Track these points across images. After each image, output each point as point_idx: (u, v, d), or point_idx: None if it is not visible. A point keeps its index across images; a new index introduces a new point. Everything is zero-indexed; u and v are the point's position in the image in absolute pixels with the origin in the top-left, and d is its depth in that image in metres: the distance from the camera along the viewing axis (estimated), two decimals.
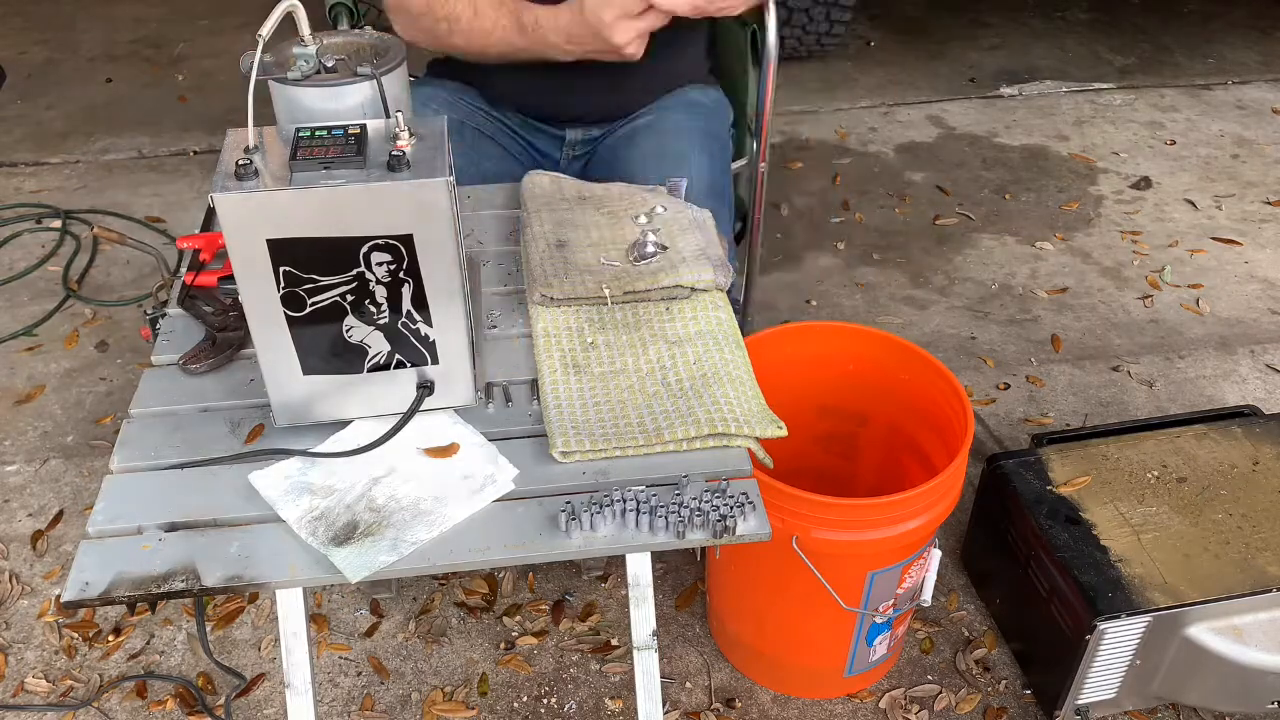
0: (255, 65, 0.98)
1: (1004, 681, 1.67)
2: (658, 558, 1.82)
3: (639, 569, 1.08)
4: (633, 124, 1.62)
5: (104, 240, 2.56)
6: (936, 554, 1.50)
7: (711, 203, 1.44)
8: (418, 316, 1.03)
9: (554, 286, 1.24)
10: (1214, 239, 2.77)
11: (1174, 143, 3.22)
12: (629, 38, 1.36)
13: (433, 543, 0.97)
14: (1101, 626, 1.41)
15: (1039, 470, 1.62)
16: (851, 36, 3.79)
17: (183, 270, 1.31)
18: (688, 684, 1.66)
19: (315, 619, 1.75)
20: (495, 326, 1.25)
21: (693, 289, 1.25)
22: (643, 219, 1.35)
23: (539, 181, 1.44)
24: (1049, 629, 1.52)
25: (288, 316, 1.00)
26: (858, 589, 1.43)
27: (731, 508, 0.99)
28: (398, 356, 1.05)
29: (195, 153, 3.18)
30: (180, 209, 2.86)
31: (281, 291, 0.98)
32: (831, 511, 1.32)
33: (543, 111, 1.65)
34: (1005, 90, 3.54)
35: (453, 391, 1.09)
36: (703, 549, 1.74)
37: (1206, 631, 1.44)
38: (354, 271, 0.98)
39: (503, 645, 1.71)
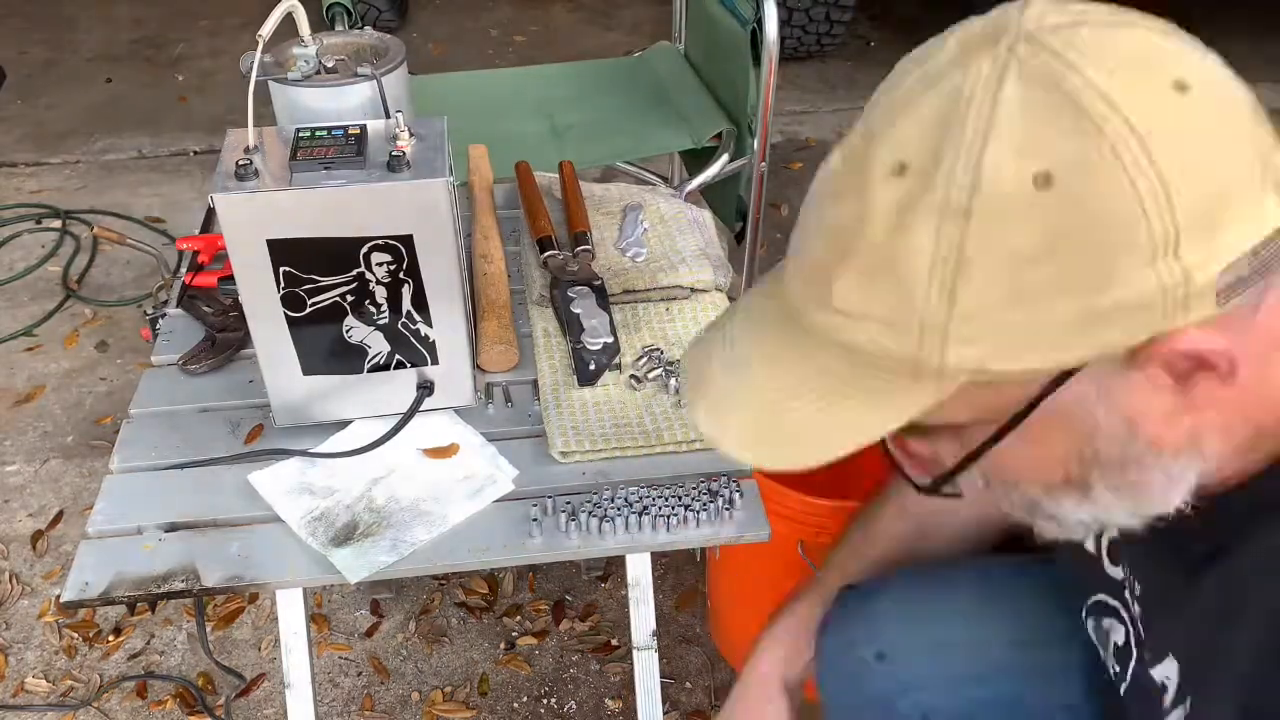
0: (255, 65, 0.99)
1: None
2: (657, 558, 1.82)
3: (639, 569, 1.08)
4: None
5: (104, 240, 2.56)
6: None
7: None
8: (418, 317, 1.03)
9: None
10: None
11: None
12: None
13: (433, 543, 0.97)
14: None
15: None
16: (851, 36, 3.79)
17: (183, 271, 1.31)
18: (688, 684, 1.66)
19: (315, 619, 1.75)
20: None
21: (692, 289, 1.25)
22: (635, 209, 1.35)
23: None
24: None
25: (288, 316, 1.00)
26: None
27: (732, 509, 0.99)
28: (398, 357, 1.05)
29: (195, 153, 3.18)
30: (180, 209, 2.86)
31: (281, 292, 0.98)
32: (838, 516, 1.32)
33: None
34: None
35: (453, 392, 1.09)
36: (703, 549, 1.74)
37: None
38: (354, 272, 0.98)
39: (503, 645, 1.71)
